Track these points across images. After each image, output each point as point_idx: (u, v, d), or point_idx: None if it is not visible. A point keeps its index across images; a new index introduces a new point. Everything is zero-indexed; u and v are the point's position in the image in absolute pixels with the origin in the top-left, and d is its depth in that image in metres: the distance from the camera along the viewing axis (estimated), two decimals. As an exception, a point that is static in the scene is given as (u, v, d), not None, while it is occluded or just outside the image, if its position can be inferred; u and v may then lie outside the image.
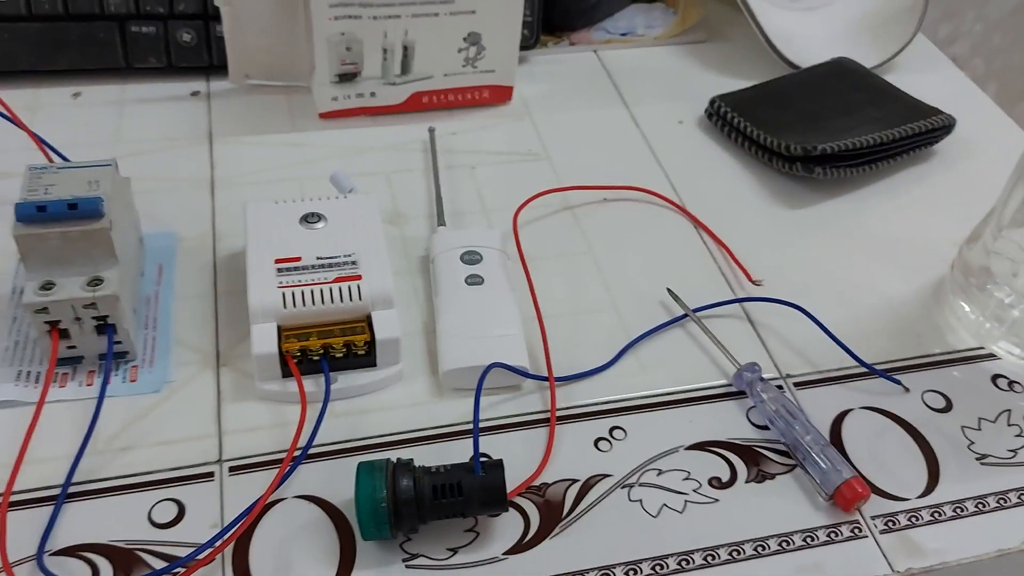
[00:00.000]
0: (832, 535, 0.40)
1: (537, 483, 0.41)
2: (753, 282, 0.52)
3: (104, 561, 0.37)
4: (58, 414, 0.42)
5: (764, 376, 0.45)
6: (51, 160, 0.54)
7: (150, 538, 0.38)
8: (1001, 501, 0.42)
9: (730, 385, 0.46)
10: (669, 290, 0.50)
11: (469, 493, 0.38)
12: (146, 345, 0.46)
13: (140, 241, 0.50)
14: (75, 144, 0.56)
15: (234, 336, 0.46)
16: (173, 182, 0.55)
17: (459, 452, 0.42)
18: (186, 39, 0.61)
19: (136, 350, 0.45)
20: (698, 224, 0.55)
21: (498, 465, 0.38)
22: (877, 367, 0.47)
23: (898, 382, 0.46)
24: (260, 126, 0.60)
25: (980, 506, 0.42)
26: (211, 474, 0.40)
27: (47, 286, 0.41)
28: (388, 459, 0.38)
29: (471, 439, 0.43)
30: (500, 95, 0.63)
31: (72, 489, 0.39)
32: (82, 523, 0.38)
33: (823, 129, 0.59)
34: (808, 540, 0.40)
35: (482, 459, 0.39)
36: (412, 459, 0.39)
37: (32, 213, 0.41)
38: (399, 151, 0.59)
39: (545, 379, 0.45)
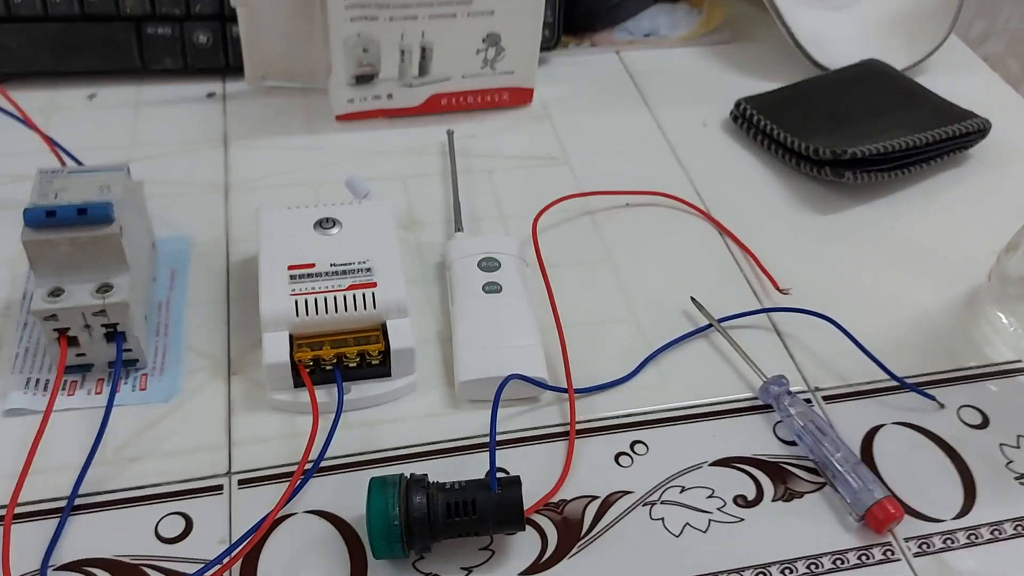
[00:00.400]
0: (863, 558, 0.38)
1: (555, 500, 0.40)
2: (780, 290, 0.50)
3: (109, 577, 0.36)
4: (66, 423, 0.41)
5: (792, 390, 0.44)
6: (64, 163, 0.53)
7: (157, 553, 0.37)
8: (1041, 523, 0.40)
9: (756, 399, 0.44)
10: (693, 299, 0.48)
11: (484, 511, 0.36)
12: (157, 353, 0.45)
13: (153, 246, 0.49)
14: (89, 147, 0.55)
15: (246, 343, 0.45)
16: (187, 186, 0.54)
17: (475, 466, 0.41)
18: (202, 40, 0.60)
19: (146, 358, 0.44)
20: (723, 230, 0.54)
21: (515, 482, 0.37)
22: (909, 381, 0.45)
23: (932, 397, 0.45)
24: (276, 128, 0.59)
25: (1019, 528, 0.40)
26: (220, 487, 0.39)
27: (56, 292, 0.41)
28: (401, 474, 0.37)
29: (487, 453, 0.41)
30: (520, 97, 0.62)
31: (79, 501, 0.38)
32: (88, 536, 0.37)
33: (853, 132, 0.57)
34: (838, 563, 0.38)
35: (499, 475, 0.37)
36: (426, 475, 0.37)
37: (41, 218, 0.40)
38: (416, 154, 0.58)
39: (564, 391, 0.44)
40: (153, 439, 0.41)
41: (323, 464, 0.40)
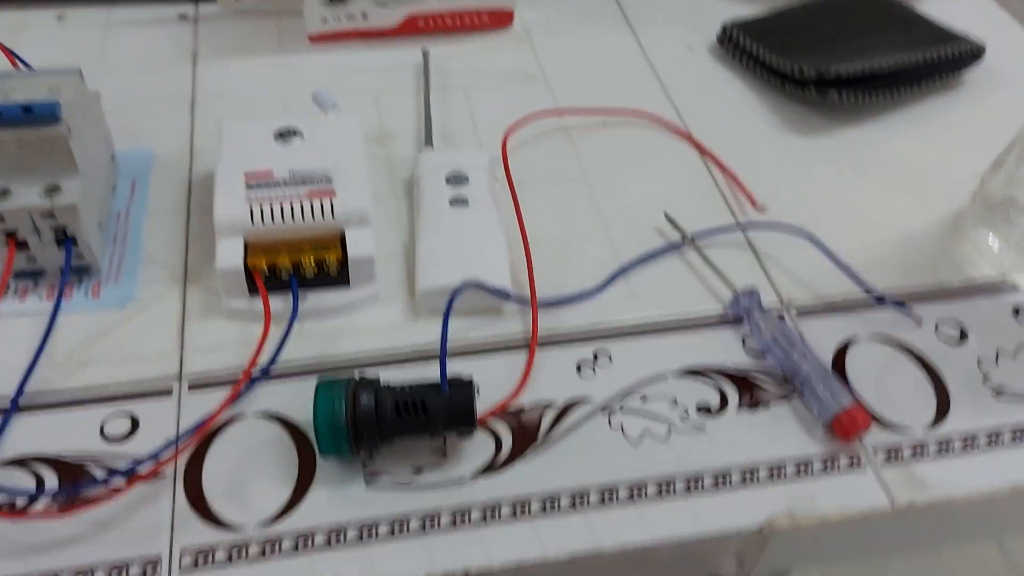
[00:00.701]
0: (828, 466, 0.37)
1: (513, 409, 0.39)
2: (756, 206, 0.48)
3: (50, 472, 0.35)
4: (16, 327, 0.40)
5: (765, 305, 0.42)
6: (16, 67, 0.52)
7: (100, 451, 0.36)
8: (1017, 436, 0.39)
9: (727, 312, 0.43)
10: (666, 214, 0.47)
11: (435, 411, 0.35)
12: (113, 261, 0.44)
13: (112, 158, 0.48)
14: (55, 65, 0.54)
15: (205, 254, 0.44)
16: (153, 100, 0.53)
17: (432, 375, 0.40)
18: (173, -41, 0.59)
19: (100, 265, 0.43)
20: (703, 151, 0.52)
21: (467, 383, 0.36)
22: (887, 297, 0.44)
23: (908, 311, 0.43)
24: (247, 49, 0.58)
25: (993, 440, 0.39)
26: (169, 390, 0.38)
27: (2, 193, 0.40)
28: (351, 376, 0.36)
29: (456, 362, 0.40)
30: (500, 19, 0.60)
31: (25, 402, 0.38)
32: (32, 435, 0.37)
33: (840, 52, 0.55)
34: (802, 470, 0.37)
35: (452, 378, 0.36)
36: (377, 377, 0.36)
37: (-14, 116, 0.39)
38: (391, 73, 0.57)
39: (527, 302, 0.42)
40: (105, 345, 0.40)
41: (277, 370, 0.39)
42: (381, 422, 0.35)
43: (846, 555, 0.38)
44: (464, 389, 0.36)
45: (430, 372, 0.40)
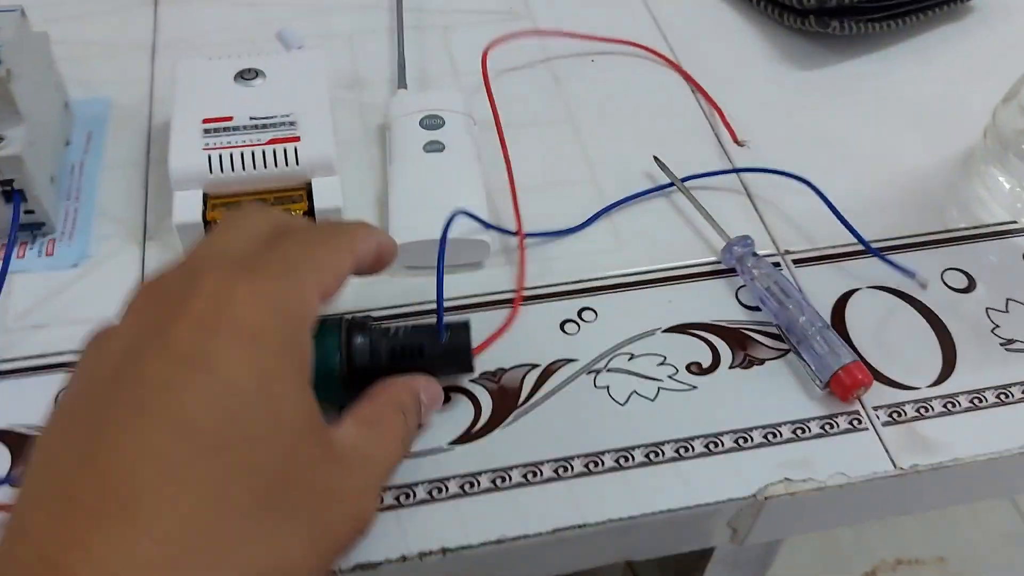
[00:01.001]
0: (827, 427, 0.35)
1: (492, 368, 0.36)
2: (737, 142, 0.45)
3: (2, 448, 0.33)
4: (-37, 289, 0.38)
5: (759, 252, 0.40)
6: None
7: (52, 423, 0.34)
8: (1027, 392, 0.37)
9: (718, 263, 0.41)
10: (655, 158, 0.44)
11: (432, 355, 0.34)
12: (67, 217, 0.41)
13: (65, 106, 0.45)
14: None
15: (164, 208, 0.41)
16: (111, 46, 0.50)
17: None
18: None
19: (54, 222, 0.40)
20: (694, 85, 0.49)
21: (464, 325, 0.34)
22: (891, 243, 0.41)
23: (903, 269, 0.40)
24: (211, -14, 0.54)
25: (1003, 397, 0.36)
26: (126, 355, 0.36)
27: (-61, 145, 0.37)
28: (342, 316, 0.34)
29: (426, 321, 0.38)
30: (480, -51, 0.56)
31: (-27, 370, 0.35)
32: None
33: (844, -20, 0.51)
34: (799, 432, 0.35)
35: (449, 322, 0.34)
36: (368, 316, 0.34)
37: (-84, 62, 0.36)
38: (366, 9, 0.53)
39: (513, 233, 0.40)
40: (59, 306, 0.38)
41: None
42: (375, 368, 0.33)
43: (846, 520, 0.36)
44: (461, 332, 0.34)
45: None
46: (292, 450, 0.26)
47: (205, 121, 0.40)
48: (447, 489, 0.33)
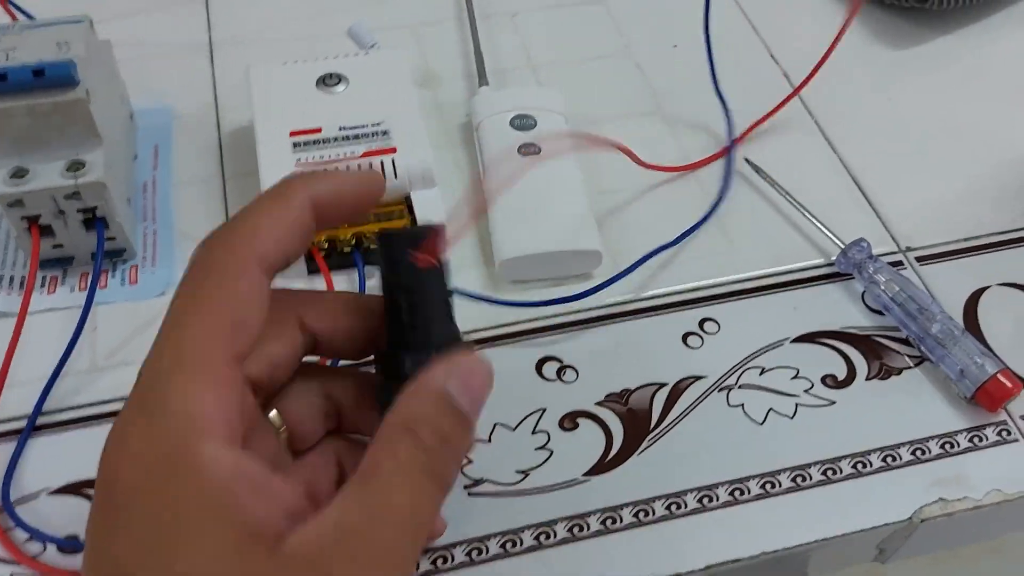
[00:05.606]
0: (975, 440, 0.34)
1: (618, 389, 0.34)
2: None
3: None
4: (47, 325, 0.36)
5: (876, 252, 0.38)
6: (14, 18, 0.46)
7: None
8: None
9: (837, 266, 0.38)
10: (747, 160, 0.42)
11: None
12: (146, 241, 0.39)
13: (130, 117, 0.42)
14: (48, 4, 0.47)
15: (248, 226, 0.39)
16: (165, 47, 0.47)
17: (523, 356, 0.35)
18: None
19: (135, 247, 0.38)
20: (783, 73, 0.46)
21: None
22: (1015, 234, 0.39)
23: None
24: (262, -24, 0.51)
25: None
26: (232, 391, 0.34)
27: (19, 174, 0.34)
28: None
29: (536, 340, 0.36)
30: (542, -72, 0.53)
31: (57, 418, 0.33)
32: (74, 454, 0.32)
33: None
34: (947, 447, 0.33)
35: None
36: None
37: (-11, 84, 0.33)
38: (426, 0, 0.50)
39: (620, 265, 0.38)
40: (148, 339, 0.36)
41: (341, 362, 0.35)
42: None
43: (995, 534, 0.35)
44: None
45: (522, 351, 0.36)
46: None
47: (292, 134, 0.37)
48: (588, 527, 0.31)
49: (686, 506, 0.32)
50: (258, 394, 0.24)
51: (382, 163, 0.36)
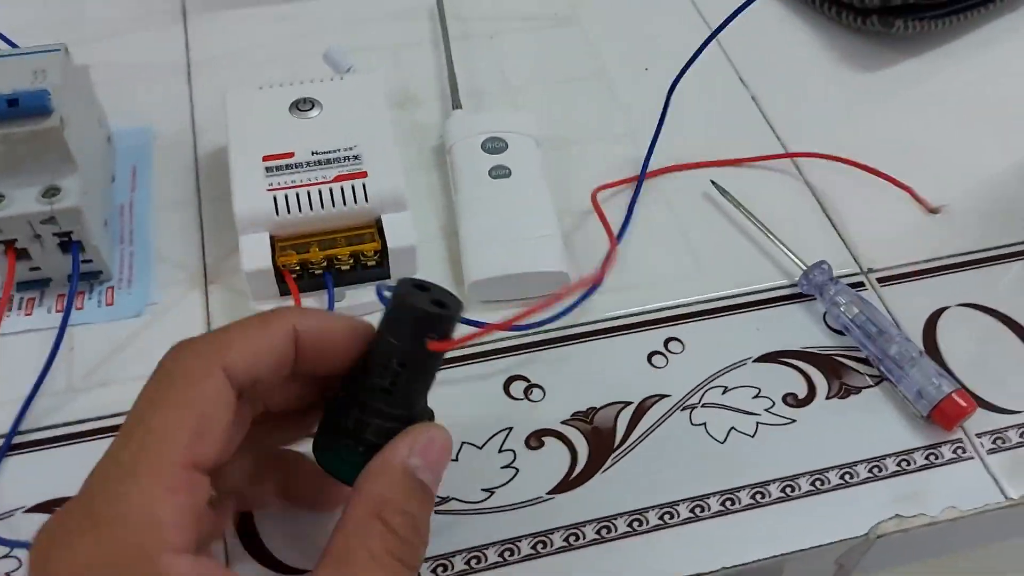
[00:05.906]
0: (931, 457, 0.34)
1: (584, 407, 0.35)
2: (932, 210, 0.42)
3: (86, 519, 0.32)
4: (24, 346, 0.36)
5: (837, 274, 0.39)
6: (-3, 48, 0.46)
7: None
8: None
9: (799, 287, 0.39)
10: (713, 182, 0.42)
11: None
12: (123, 263, 0.39)
13: (108, 140, 0.43)
14: (27, 27, 0.48)
15: (223, 248, 0.40)
16: (143, 68, 0.48)
17: (493, 374, 0.36)
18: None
19: (111, 269, 0.39)
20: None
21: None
22: (977, 255, 0.40)
23: None
24: (240, -2, 0.52)
25: (1104, 416, 0.36)
26: (204, 412, 0.35)
27: (-5, 199, 0.35)
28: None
29: (505, 360, 0.37)
30: (518, -50, 0.54)
31: (37, 436, 0.34)
32: (50, 473, 0.33)
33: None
34: (903, 464, 0.34)
35: None
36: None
37: (-34, 113, 0.34)
38: (406, 19, 0.51)
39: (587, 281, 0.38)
40: (126, 360, 0.36)
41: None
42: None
43: (954, 548, 0.35)
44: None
45: (491, 370, 0.36)
46: None
47: (266, 159, 0.38)
48: (551, 543, 0.32)
49: (648, 523, 0.32)
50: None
51: (352, 187, 0.37)
